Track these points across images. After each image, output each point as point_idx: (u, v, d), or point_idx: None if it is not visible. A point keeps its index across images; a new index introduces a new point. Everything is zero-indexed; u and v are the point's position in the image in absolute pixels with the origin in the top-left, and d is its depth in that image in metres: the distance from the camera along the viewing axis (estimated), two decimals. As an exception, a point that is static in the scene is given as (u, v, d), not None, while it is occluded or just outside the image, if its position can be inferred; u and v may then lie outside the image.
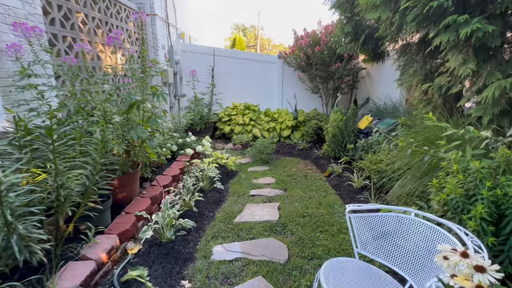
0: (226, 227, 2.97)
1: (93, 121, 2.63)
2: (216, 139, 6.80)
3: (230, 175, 4.59)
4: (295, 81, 7.18)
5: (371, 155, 4.01)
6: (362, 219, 1.87)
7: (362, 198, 3.53)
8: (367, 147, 4.42)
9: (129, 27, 5.23)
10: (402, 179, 3.26)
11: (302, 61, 6.12)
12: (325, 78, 6.23)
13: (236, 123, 6.65)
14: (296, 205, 3.45)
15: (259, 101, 7.35)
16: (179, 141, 4.82)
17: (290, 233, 2.86)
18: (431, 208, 2.10)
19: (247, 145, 6.27)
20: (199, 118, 6.04)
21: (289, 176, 4.51)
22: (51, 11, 3.26)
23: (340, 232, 2.83)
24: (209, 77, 6.72)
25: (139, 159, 3.19)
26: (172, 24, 6.87)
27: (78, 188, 2.24)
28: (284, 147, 6.23)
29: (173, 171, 4.03)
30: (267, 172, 4.73)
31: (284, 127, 6.62)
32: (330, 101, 6.75)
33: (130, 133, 2.65)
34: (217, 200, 3.64)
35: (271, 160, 5.27)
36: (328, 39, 5.55)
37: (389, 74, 5.76)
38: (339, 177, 4.37)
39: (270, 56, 7.67)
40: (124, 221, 2.65)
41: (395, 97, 5.55)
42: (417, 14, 2.27)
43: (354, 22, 3.81)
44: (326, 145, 5.29)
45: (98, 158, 2.36)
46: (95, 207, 2.36)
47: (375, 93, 6.19)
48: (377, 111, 5.78)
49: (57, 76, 3.23)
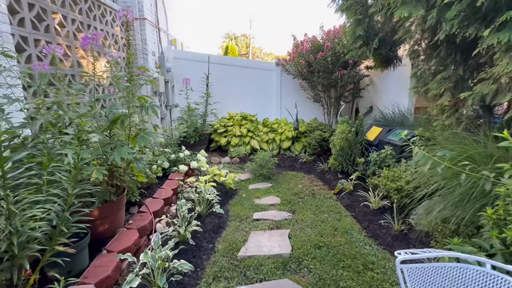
0: (229, 264, 2.48)
1: (67, 141, 2.14)
2: (211, 151, 6.32)
3: (230, 194, 4.11)
4: (295, 89, 6.80)
5: (386, 171, 3.60)
6: (415, 272, 1.42)
7: (383, 222, 3.10)
8: (380, 161, 4.02)
9: (115, 31, 4.77)
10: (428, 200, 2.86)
11: (303, 68, 5.74)
12: (327, 86, 5.86)
13: (233, 134, 6.19)
14: (309, 232, 2.99)
15: (257, 110, 6.93)
16: (171, 157, 4.33)
17: (307, 270, 2.39)
18: (493, 248, 1.68)
19: (245, 158, 5.81)
20: (193, 130, 5.56)
21: (295, 195, 4.05)
22: (20, 10, 2.77)
23: (366, 268, 2.38)
24: (203, 86, 6.27)
25: (125, 183, 2.69)
26: (163, 29, 6.44)
27: (43, 229, 1.75)
28: (285, 160, 5.79)
29: (165, 193, 3.53)
30: (270, 190, 4.27)
31: (284, 139, 6.19)
32: (332, 110, 6.38)
33: (113, 154, 2.17)
34: (216, 227, 3.15)
35: (273, 176, 4.81)
36: (332, 45, 5.20)
37: (397, 81, 5.44)
38: (350, 195, 3.94)
39: (268, 63, 7.30)
40: (105, 264, 2.14)
41: (403, 106, 5.21)
42: (460, 10, 1.90)
43: (366, 25, 3.45)
44: (332, 158, 4.88)
45: (70, 188, 1.86)
46: (66, 251, 1.85)
47: (380, 101, 5.85)
48: (384, 120, 5.43)
49: (28, 86, 2.74)
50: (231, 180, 4.11)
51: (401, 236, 2.85)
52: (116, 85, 2.47)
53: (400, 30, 2.78)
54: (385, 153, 3.98)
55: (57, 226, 1.83)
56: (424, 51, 2.78)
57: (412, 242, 2.73)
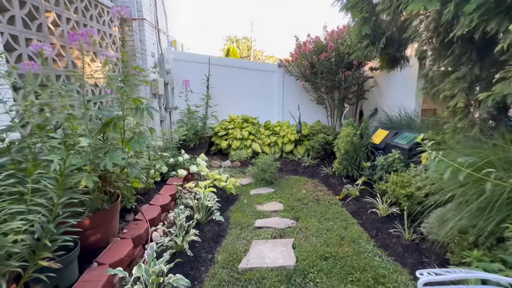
0: (229, 277, 2.31)
1: (55, 145, 1.99)
2: (211, 155, 6.17)
3: (230, 200, 3.95)
4: (297, 91, 6.65)
5: (395, 176, 3.43)
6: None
7: (393, 231, 2.92)
8: (387, 166, 3.85)
9: (113, 32, 4.65)
10: (441, 208, 2.69)
11: (306, 69, 5.59)
12: (331, 88, 5.71)
13: (233, 137, 6.04)
14: (314, 241, 2.82)
15: (258, 113, 6.78)
16: (169, 161, 4.18)
17: (313, 285, 2.22)
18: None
19: (246, 162, 5.65)
20: (193, 133, 5.41)
21: (299, 201, 3.88)
22: (10, 7, 2.64)
23: (377, 283, 2.20)
24: (203, 88, 6.13)
25: (119, 189, 2.53)
26: (163, 30, 6.32)
27: (25, 242, 1.59)
28: (288, 163, 5.62)
29: (162, 199, 3.38)
30: (272, 196, 4.10)
31: (286, 142, 6.03)
32: (335, 113, 6.22)
33: (104, 159, 2.02)
34: (216, 235, 2.99)
35: (275, 180, 4.65)
36: (335, 45, 5.05)
37: (403, 82, 5.28)
38: (356, 201, 3.77)
39: (270, 65, 7.17)
40: (95, 278, 1.98)
41: (410, 108, 5.05)
42: (481, 3, 1.75)
43: (372, 23, 3.30)
44: (336, 162, 4.71)
45: (56, 197, 1.71)
46: (50, 266, 1.69)
47: (385, 103, 5.69)
48: (389, 123, 5.26)
49: (18, 87, 2.60)
50: (231, 185, 3.95)
51: (412, 246, 2.67)
52: (107, 86, 2.32)
53: (410, 28, 2.63)
54: (392, 157, 3.81)
55: (40, 239, 1.67)
56: (436, 50, 2.62)
57: (425, 253, 2.56)
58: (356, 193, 3.88)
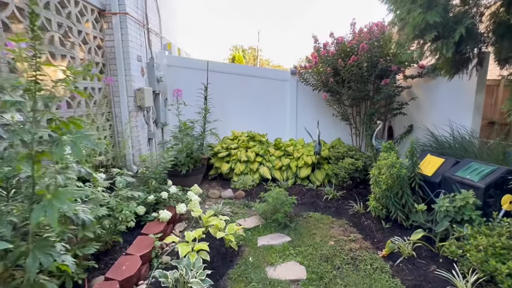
0: None
1: None
2: (210, 180, 5.06)
3: (230, 257, 2.81)
4: (314, 103, 5.55)
5: (477, 234, 2.26)
6: None
7: None
8: (455, 213, 2.69)
9: (85, 29, 3.65)
10: None
11: (328, 76, 4.49)
12: (359, 100, 4.59)
13: (237, 159, 4.93)
14: None
15: (267, 129, 5.68)
16: (148, 199, 3.07)
17: None
18: None
19: (252, 191, 4.53)
20: (186, 156, 4.31)
21: (327, 261, 2.73)
22: None
23: None
24: (201, 99, 5.06)
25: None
26: (155, 31, 5.33)
27: None
28: (305, 194, 4.48)
29: (128, 265, 2.26)
30: (288, 249, 2.95)
31: (301, 165, 4.89)
32: (361, 130, 5.08)
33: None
34: (204, 337, 1.85)
35: (291, 222, 3.49)
36: (368, 46, 3.95)
37: (452, 93, 4.15)
38: (412, 264, 2.61)
39: (281, 72, 6.12)
40: None
41: (463, 126, 3.91)
42: None
43: (441, 8, 2.21)
44: (372, 198, 3.55)
45: None
46: None
47: (427, 120, 4.55)
48: (437, 145, 4.11)
49: None
50: (232, 236, 2.81)
51: None
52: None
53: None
54: (463, 200, 2.65)
55: None
56: None
57: None
58: (409, 251, 2.72)
